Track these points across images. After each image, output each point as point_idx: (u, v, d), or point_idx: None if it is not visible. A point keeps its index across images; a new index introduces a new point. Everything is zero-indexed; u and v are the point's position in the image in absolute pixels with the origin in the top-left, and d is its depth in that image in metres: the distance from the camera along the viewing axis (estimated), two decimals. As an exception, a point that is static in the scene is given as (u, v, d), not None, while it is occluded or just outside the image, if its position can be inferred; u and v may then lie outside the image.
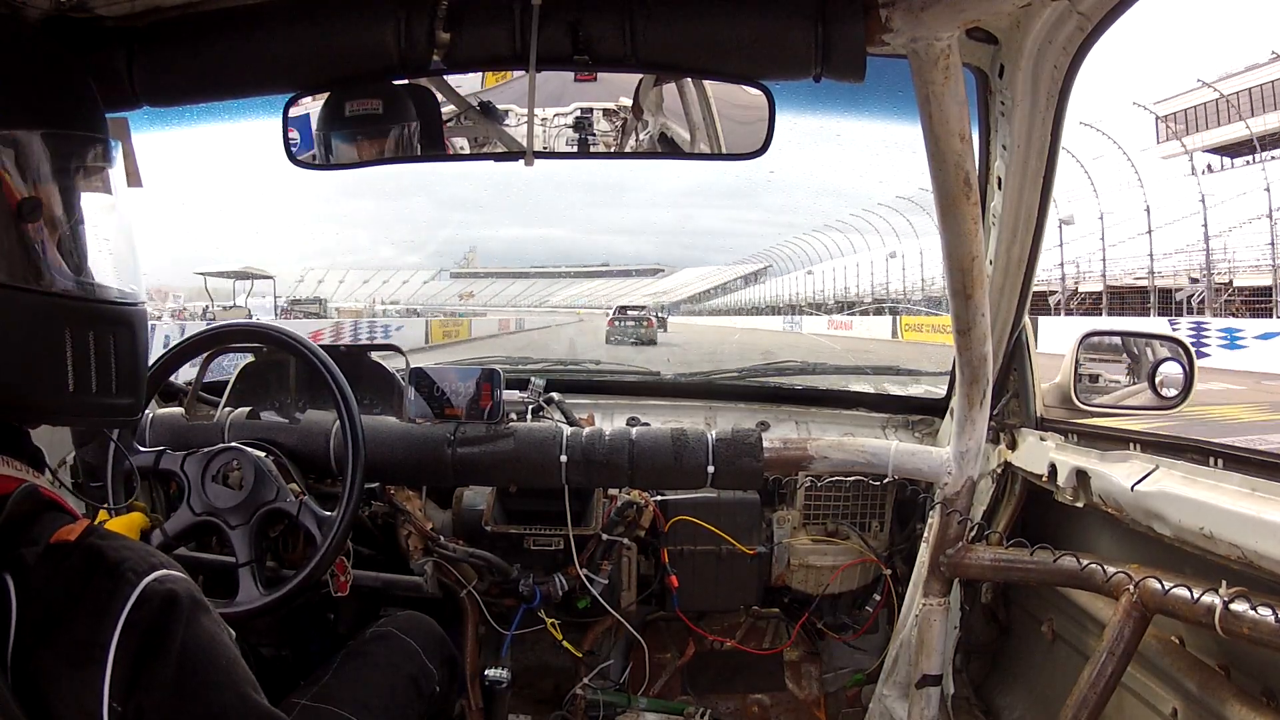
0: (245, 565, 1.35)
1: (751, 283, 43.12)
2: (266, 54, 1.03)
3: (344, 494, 1.37)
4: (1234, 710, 1.08)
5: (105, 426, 1.15)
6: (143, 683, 0.64)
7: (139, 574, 0.66)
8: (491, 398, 1.58)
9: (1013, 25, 1.12)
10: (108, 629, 0.64)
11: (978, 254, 1.22)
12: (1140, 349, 1.64)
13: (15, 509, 0.68)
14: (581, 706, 1.81)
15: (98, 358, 0.74)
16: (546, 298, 66.82)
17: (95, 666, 0.63)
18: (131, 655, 0.64)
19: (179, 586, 0.68)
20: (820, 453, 1.59)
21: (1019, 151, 1.28)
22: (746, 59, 1.02)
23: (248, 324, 1.58)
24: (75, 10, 0.95)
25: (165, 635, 0.66)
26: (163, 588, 0.67)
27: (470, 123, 1.13)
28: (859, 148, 29.05)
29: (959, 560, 1.53)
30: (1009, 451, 1.61)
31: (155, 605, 0.66)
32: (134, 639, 0.64)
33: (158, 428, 1.59)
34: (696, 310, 50.82)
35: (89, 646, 0.64)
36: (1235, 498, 1.04)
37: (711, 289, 52.56)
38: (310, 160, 1.14)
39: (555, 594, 1.68)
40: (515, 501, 1.77)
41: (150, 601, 0.66)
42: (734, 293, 47.70)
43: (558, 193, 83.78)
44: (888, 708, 1.73)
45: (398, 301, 58.60)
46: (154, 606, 0.66)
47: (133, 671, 0.64)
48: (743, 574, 1.82)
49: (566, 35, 0.99)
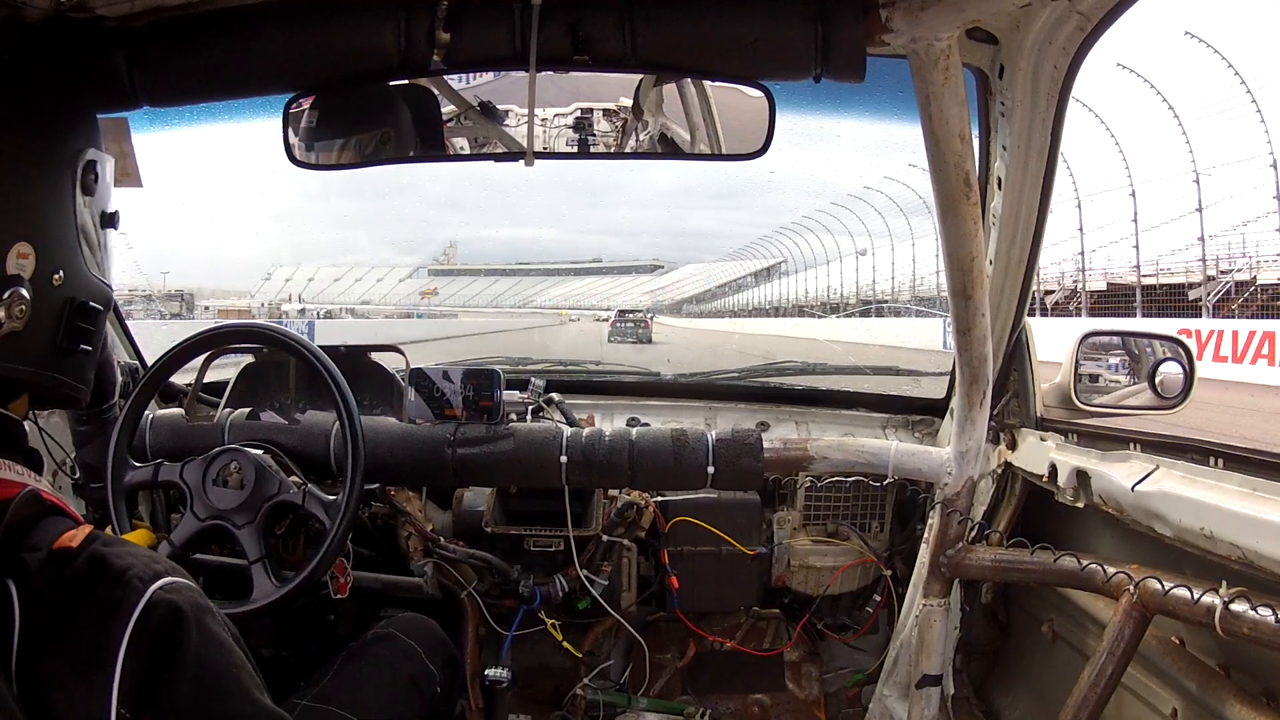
0: (257, 562, 1.35)
1: (763, 280, 40.17)
2: (266, 54, 1.03)
3: (344, 494, 1.37)
4: (1234, 710, 1.08)
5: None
6: (156, 696, 0.64)
7: (145, 581, 0.66)
8: (491, 398, 1.58)
9: (1013, 25, 1.12)
10: (116, 636, 0.64)
11: (978, 254, 1.22)
12: (1140, 349, 1.64)
13: (17, 514, 0.67)
14: (581, 707, 1.81)
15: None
16: (532, 297, 64.17)
17: (104, 673, 0.63)
18: (143, 665, 0.64)
19: (185, 594, 0.68)
20: (820, 453, 1.59)
21: (1019, 152, 1.28)
22: (746, 59, 1.02)
23: (248, 324, 1.57)
24: (75, 10, 0.95)
25: (176, 646, 0.66)
26: (169, 596, 0.67)
27: (470, 123, 1.13)
28: (858, 147, 28.77)
29: (959, 561, 1.53)
30: (1009, 451, 1.61)
31: (163, 613, 0.66)
32: (144, 648, 0.64)
33: (158, 429, 1.59)
34: (700, 312, 48.06)
35: (97, 653, 0.64)
36: (1235, 498, 1.04)
37: (715, 288, 49.48)
38: (310, 160, 1.14)
39: (555, 595, 1.68)
40: (515, 502, 1.77)
41: (158, 609, 0.66)
42: (742, 291, 45.15)
43: (543, 192, 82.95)
44: (888, 708, 1.73)
45: (369, 301, 57.65)
46: (162, 615, 0.66)
47: (144, 682, 0.64)
48: (743, 575, 1.82)
49: (566, 35, 0.99)
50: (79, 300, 0.77)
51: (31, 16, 0.92)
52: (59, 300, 0.76)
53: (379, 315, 48.24)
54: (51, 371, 0.76)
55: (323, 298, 56.20)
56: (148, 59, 1.01)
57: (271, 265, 60.06)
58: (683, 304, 51.60)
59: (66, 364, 0.78)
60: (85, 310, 0.78)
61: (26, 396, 0.78)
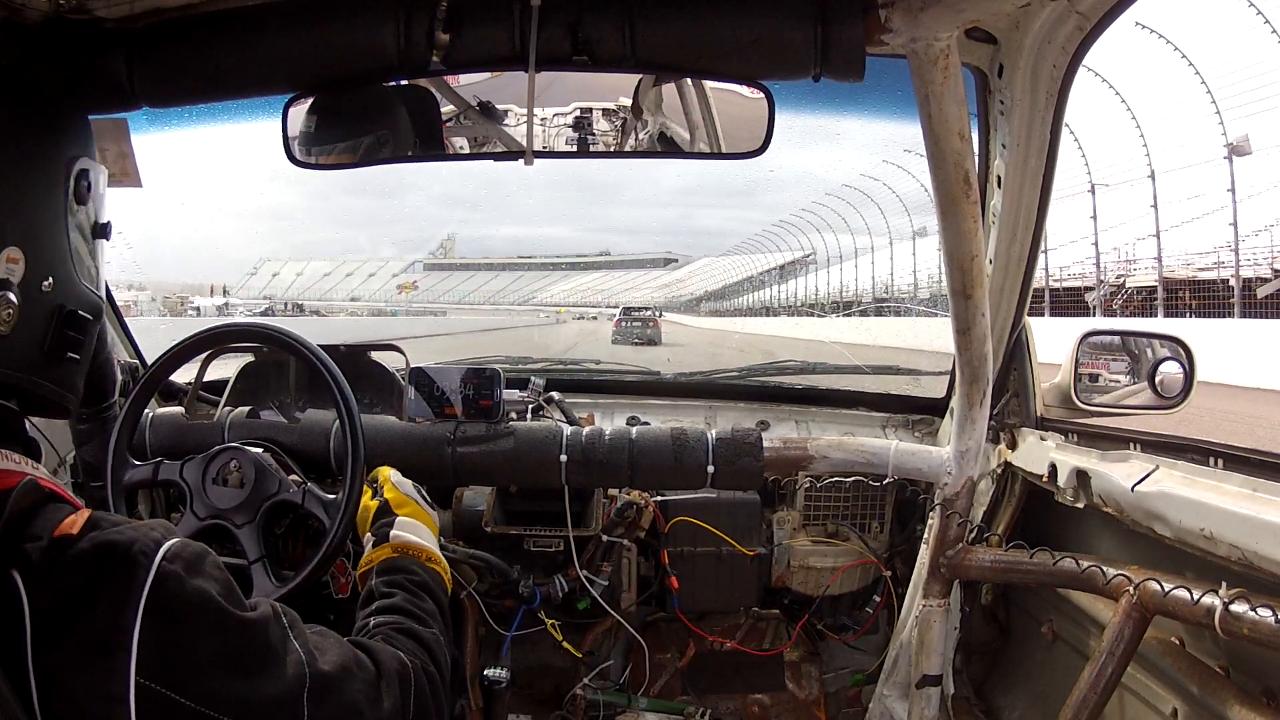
0: (257, 561, 1.35)
1: (789, 276, 36.43)
2: (266, 54, 1.03)
3: (344, 493, 1.37)
4: (1234, 711, 1.08)
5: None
6: (177, 659, 0.68)
7: (149, 554, 0.68)
8: (491, 397, 1.58)
9: (1012, 25, 1.12)
10: (129, 616, 0.66)
11: (978, 253, 1.22)
12: (1140, 349, 1.64)
13: (17, 504, 0.68)
14: (581, 707, 1.81)
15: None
16: (534, 294, 61.57)
17: (121, 654, 0.65)
18: (159, 635, 0.67)
19: (186, 558, 0.71)
20: (820, 452, 1.59)
21: (1018, 150, 1.28)
22: (746, 59, 1.02)
23: (248, 324, 1.57)
24: (74, 12, 0.96)
25: (190, 608, 0.69)
26: (173, 566, 0.69)
27: (469, 122, 1.13)
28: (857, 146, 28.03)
29: (959, 561, 1.53)
30: (1009, 451, 1.61)
31: (173, 583, 0.68)
32: (159, 620, 0.67)
33: (158, 428, 1.59)
34: (720, 310, 44.71)
35: (111, 634, 0.66)
36: (1235, 498, 1.04)
37: (736, 283, 44.85)
38: (309, 160, 1.14)
39: (555, 595, 1.68)
40: (515, 502, 1.77)
41: (168, 581, 0.68)
42: (766, 287, 40.40)
43: (549, 191, 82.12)
44: (888, 708, 1.73)
45: (358, 297, 56.14)
46: (173, 584, 0.68)
47: (163, 650, 0.67)
48: (743, 575, 1.82)
49: (566, 36, 0.99)
50: (68, 308, 0.77)
51: (30, 18, 0.92)
52: (48, 307, 0.76)
53: (343, 313, 45.87)
54: (38, 378, 0.76)
55: (311, 293, 54.88)
56: (147, 60, 1.01)
57: (258, 260, 59.00)
58: (700, 300, 48.82)
59: (54, 371, 0.78)
60: (75, 319, 0.77)
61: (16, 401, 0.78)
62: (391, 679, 0.85)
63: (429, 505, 1.26)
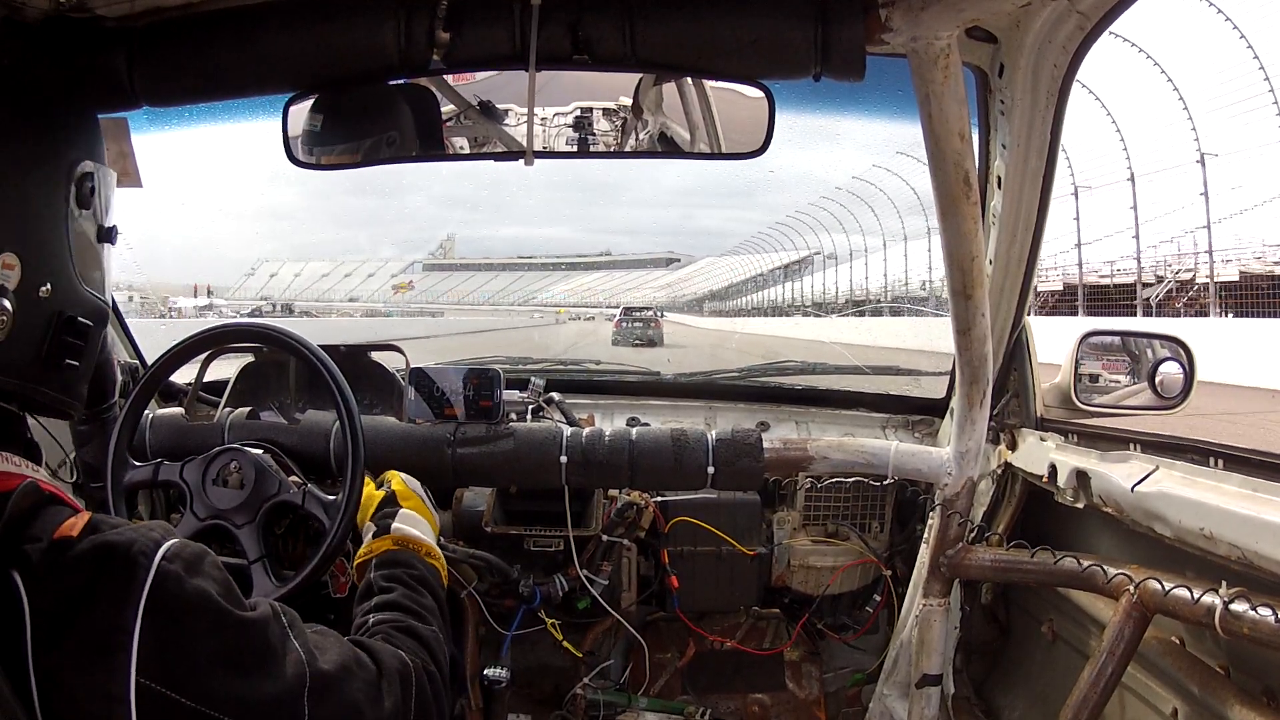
0: (257, 562, 1.35)
1: (791, 276, 35.23)
2: (266, 54, 1.03)
3: (344, 494, 1.37)
4: (1234, 710, 1.08)
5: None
6: (177, 659, 0.68)
7: (148, 555, 0.68)
8: (491, 398, 1.58)
9: (1012, 25, 1.12)
10: (129, 617, 0.66)
11: (978, 253, 1.22)
12: (1140, 349, 1.64)
13: (17, 506, 0.68)
14: (581, 706, 1.81)
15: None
16: (535, 294, 60.79)
17: (121, 654, 0.66)
18: (159, 635, 0.67)
19: (185, 558, 0.71)
20: (820, 453, 1.59)
21: (1019, 150, 1.28)
22: (746, 59, 1.02)
23: (248, 324, 1.57)
24: (75, 11, 0.95)
25: (190, 607, 0.69)
26: (174, 566, 0.69)
27: (470, 122, 1.13)
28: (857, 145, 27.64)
29: (959, 561, 1.53)
30: (1009, 452, 1.61)
31: (173, 583, 0.69)
32: (159, 620, 0.67)
33: (158, 428, 1.59)
34: (722, 310, 43.51)
35: (112, 635, 0.66)
36: (1235, 498, 1.04)
37: (741, 281, 43.37)
38: (310, 160, 1.14)
39: (555, 595, 1.68)
40: (515, 502, 1.76)
41: (167, 582, 0.68)
42: (771, 286, 39.00)
43: (550, 191, 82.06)
44: (888, 707, 1.73)
45: (357, 298, 55.64)
46: (172, 584, 0.68)
47: (163, 650, 0.67)
48: (743, 575, 1.82)
49: (566, 35, 0.99)
50: (67, 314, 0.76)
51: (30, 16, 0.92)
52: (45, 313, 0.75)
53: (334, 314, 44.79)
54: (37, 384, 0.76)
55: (309, 294, 54.52)
56: (148, 59, 1.01)
57: (256, 261, 58.67)
58: (703, 300, 48.09)
59: (53, 378, 0.77)
60: (74, 325, 0.76)
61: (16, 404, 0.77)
62: (392, 678, 0.85)
63: (433, 506, 1.26)
